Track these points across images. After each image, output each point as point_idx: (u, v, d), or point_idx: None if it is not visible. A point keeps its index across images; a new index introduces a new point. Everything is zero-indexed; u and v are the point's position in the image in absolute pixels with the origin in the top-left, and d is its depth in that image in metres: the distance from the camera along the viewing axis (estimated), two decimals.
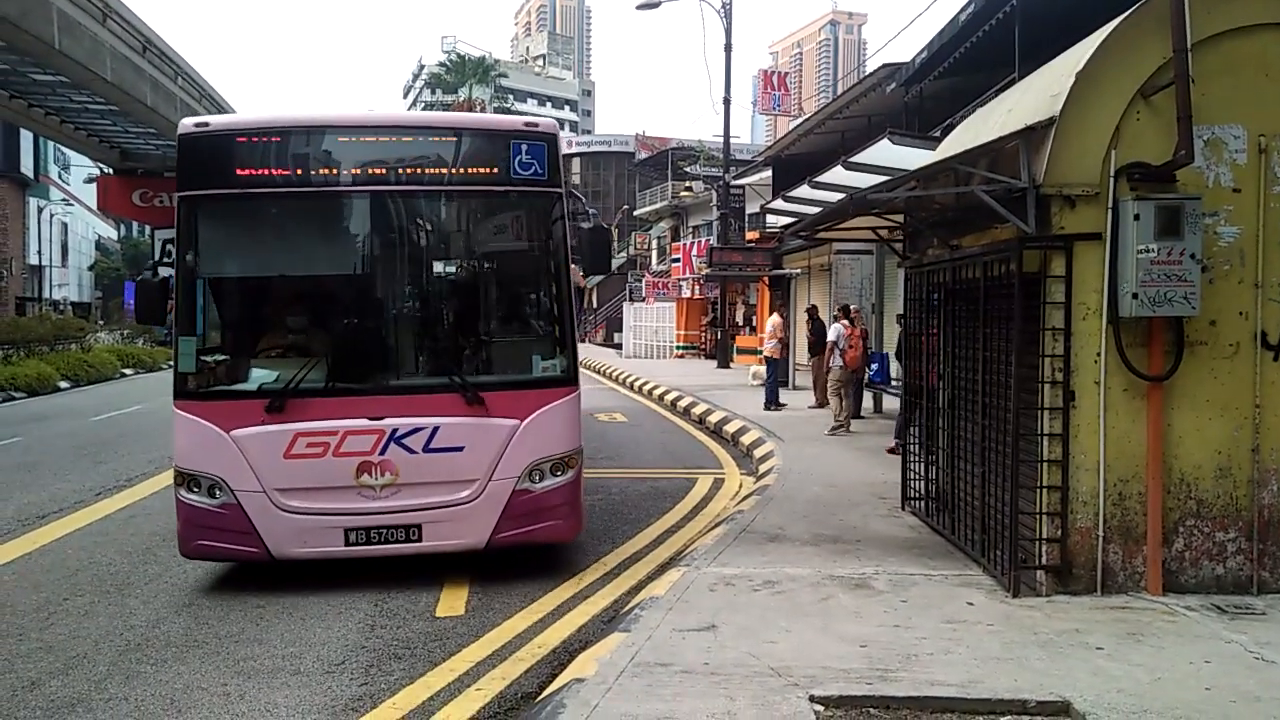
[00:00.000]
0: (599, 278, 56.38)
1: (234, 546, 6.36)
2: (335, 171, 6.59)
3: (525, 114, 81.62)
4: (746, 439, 13.21)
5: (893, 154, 10.54)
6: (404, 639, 5.57)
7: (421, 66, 75.52)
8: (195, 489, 6.34)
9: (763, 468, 11.06)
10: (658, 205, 47.60)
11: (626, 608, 5.77)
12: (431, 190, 6.83)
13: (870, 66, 20.81)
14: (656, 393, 20.76)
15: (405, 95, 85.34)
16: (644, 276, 45.76)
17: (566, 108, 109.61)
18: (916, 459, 8.12)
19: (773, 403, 16.23)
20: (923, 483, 7.99)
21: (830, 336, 14.27)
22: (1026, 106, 6.31)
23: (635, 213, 51.88)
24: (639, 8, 29.41)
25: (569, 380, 6.75)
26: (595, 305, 56.50)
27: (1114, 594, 5.65)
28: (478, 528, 6.47)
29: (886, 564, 6.46)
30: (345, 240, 6.88)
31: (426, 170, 6.74)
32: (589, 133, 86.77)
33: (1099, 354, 5.71)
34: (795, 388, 18.77)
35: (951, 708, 4.17)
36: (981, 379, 6.53)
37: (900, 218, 8.89)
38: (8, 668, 5.22)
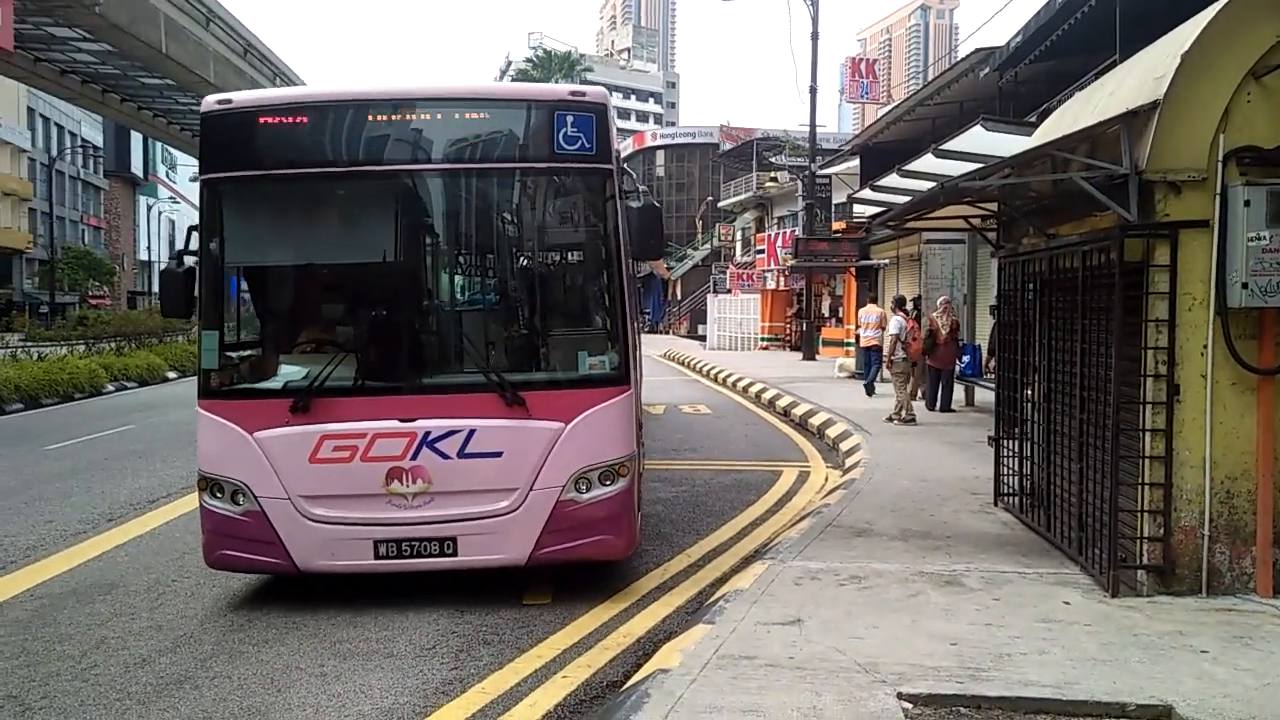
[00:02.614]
0: (684, 268, 56.41)
1: (259, 558, 5.97)
2: (363, 150, 6.03)
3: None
4: (832, 432, 13.06)
5: (986, 141, 10.26)
6: (492, 625, 5.68)
7: (509, 63, 76.51)
8: (219, 495, 5.96)
9: (849, 461, 10.92)
10: (742, 196, 47.29)
11: (711, 599, 5.77)
12: (468, 168, 6.22)
13: (962, 52, 20.28)
14: (740, 385, 20.67)
15: None
16: (728, 268, 45.53)
17: (651, 100, 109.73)
18: (1010, 454, 7.91)
19: (871, 390, 16.71)
20: (1017, 478, 7.78)
21: (891, 329, 14.13)
22: (1129, 89, 6.08)
23: (719, 204, 51.67)
24: None
25: (620, 379, 6.13)
26: (679, 297, 56.49)
27: (1220, 595, 5.42)
28: (518, 541, 5.91)
29: (978, 561, 6.32)
30: (376, 225, 6.26)
31: (464, 146, 6.13)
32: (673, 125, 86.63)
33: (1205, 346, 5.47)
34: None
35: (1045, 709, 4.06)
36: (1079, 372, 6.32)
37: (994, 206, 8.67)
38: (120, 645, 5.49)
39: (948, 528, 7.31)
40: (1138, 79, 6.07)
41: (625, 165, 7.00)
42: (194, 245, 6.14)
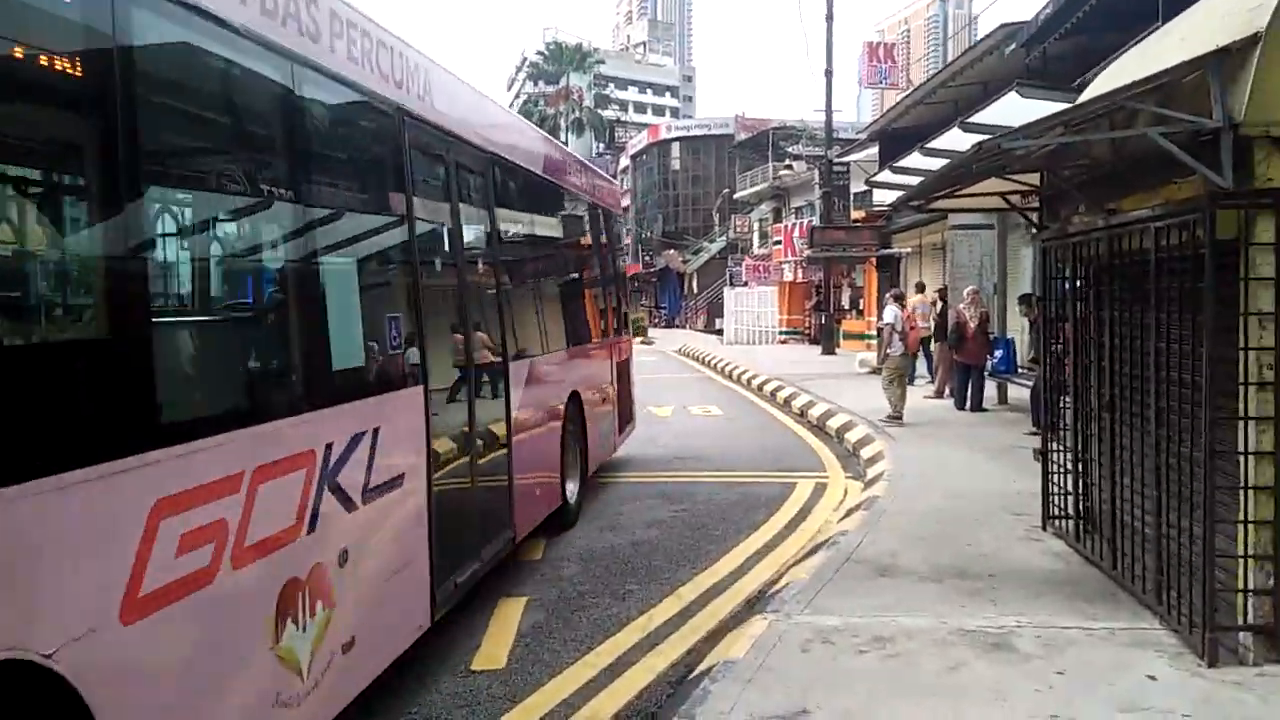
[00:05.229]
0: (700, 262, 55.13)
1: None
2: None
3: (624, 101, 79.66)
4: (852, 436, 11.87)
5: (1020, 111, 8.94)
6: (427, 706, 4.55)
7: (524, 59, 75.48)
8: None
9: (871, 471, 9.74)
10: (759, 187, 46.00)
11: (695, 672, 4.62)
12: None
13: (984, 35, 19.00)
14: (755, 382, 19.48)
15: (509, 89, 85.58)
16: (744, 260, 44.29)
17: (667, 94, 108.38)
18: (1060, 469, 6.73)
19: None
20: (1070, 498, 6.59)
21: (886, 319, 13.01)
22: (1208, 30, 4.87)
23: (735, 196, 50.39)
24: None
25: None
26: (695, 291, 55.28)
27: None
28: None
29: (1031, 611, 5.13)
30: None
31: None
32: (690, 118, 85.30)
33: None
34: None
35: None
36: (1153, 377, 5.12)
37: (1035, 179, 7.47)
38: None
39: (989, 561, 6.13)
40: (1220, 18, 4.86)
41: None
42: None
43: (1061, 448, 6.75)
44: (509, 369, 6.31)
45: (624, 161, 74.84)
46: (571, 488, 8.03)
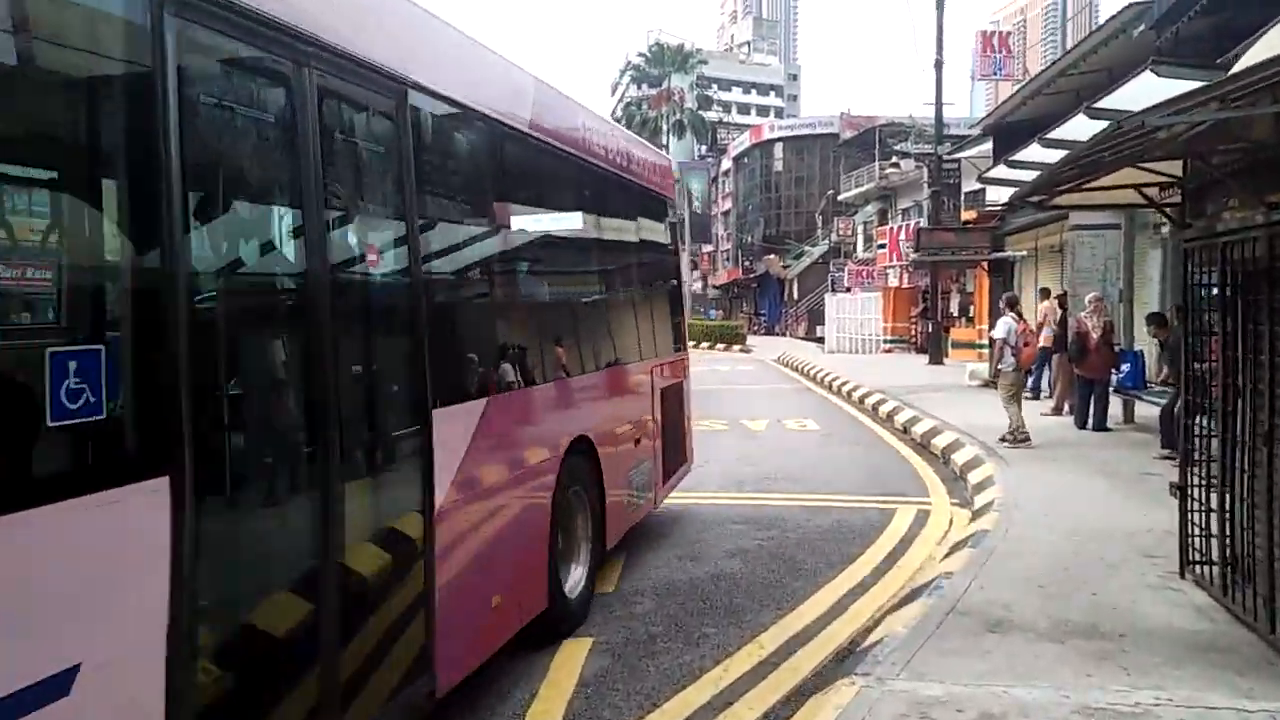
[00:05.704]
0: (801, 266, 53.96)
1: None
2: None
3: (728, 102, 78.48)
4: (959, 457, 10.97)
5: (1154, 94, 8.06)
6: None
7: (628, 63, 75.52)
8: None
9: (979, 499, 8.88)
10: (864, 187, 44.63)
11: None
12: None
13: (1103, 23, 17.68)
14: (856, 394, 18.58)
15: (613, 92, 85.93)
16: (846, 265, 43.03)
17: (771, 93, 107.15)
18: (1202, 507, 5.83)
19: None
20: (1214, 541, 5.70)
21: (999, 333, 11.86)
22: None
23: (840, 197, 49.09)
24: None
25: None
26: (796, 297, 54.15)
27: None
28: None
29: (1171, 684, 4.32)
30: None
31: None
32: (794, 117, 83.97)
33: None
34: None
35: None
36: None
37: (1177, 169, 6.58)
38: None
39: (1120, 617, 5.29)
40: None
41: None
42: None
43: (1205, 483, 5.85)
44: (432, 424, 3.95)
45: (725, 164, 74.07)
46: (575, 575, 5.88)
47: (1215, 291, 5.75)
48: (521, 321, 5.58)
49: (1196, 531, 5.89)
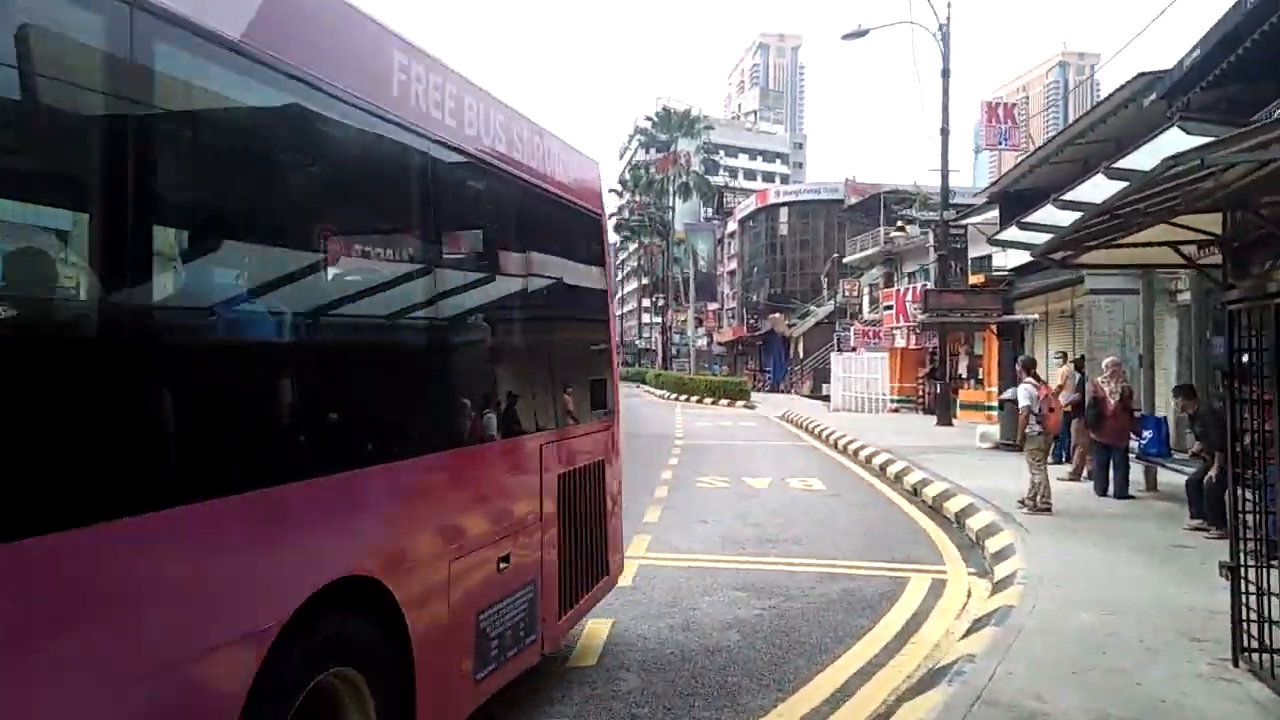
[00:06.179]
0: (806, 326, 53.59)
1: None
2: None
3: (734, 168, 79.34)
4: (975, 523, 10.31)
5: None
6: None
7: (637, 128, 76.17)
8: None
9: (999, 570, 8.22)
10: (869, 251, 44.51)
11: None
12: None
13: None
14: (863, 454, 17.94)
15: (620, 156, 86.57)
16: (852, 325, 42.67)
17: (777, 160, 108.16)
18: (1260, 589, 5.21)
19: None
20: (1273, 628, 5.06)
21: (1023, 401, 11.20)
22: None
23: (845, 260, 48.97)
24: (844, 38, 27.26)
25: None
26: (801, 355, 53.71)
27: None
28: None
29: None
30: None
31: None
32: (799, 183, 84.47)
33: None
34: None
35: None
36: None
37: (1215, 225, 6.08)
38: None
39: (1170, 714, 4.64)
40: None
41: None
42: None
43: (1262, 563, 5.23)
44: None
45: (731, 226, 74.34)
46: None
47: (1267, 355, 5.19)
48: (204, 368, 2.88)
49: (1253, 617, 5.26)
